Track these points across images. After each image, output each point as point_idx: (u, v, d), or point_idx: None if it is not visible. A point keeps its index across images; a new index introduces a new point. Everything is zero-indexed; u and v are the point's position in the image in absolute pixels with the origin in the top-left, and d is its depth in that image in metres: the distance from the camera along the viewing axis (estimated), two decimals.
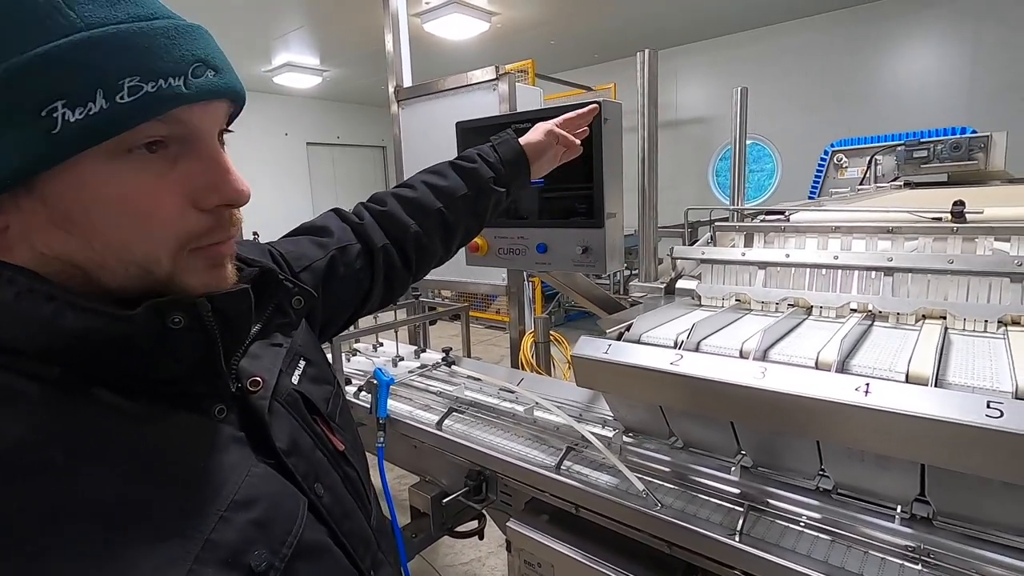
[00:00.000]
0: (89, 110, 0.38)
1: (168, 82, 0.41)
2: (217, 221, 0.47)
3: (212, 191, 0.46)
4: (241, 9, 5.38)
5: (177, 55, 0.42)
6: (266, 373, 0.55)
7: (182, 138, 0.44)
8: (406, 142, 2.18)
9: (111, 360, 0.43)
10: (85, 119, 0.38)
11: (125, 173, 0.42)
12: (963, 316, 0.95)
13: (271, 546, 0.45)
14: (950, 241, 1.04)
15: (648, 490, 0.96)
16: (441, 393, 1.51)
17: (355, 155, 11.02)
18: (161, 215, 0.43)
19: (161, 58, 0.41)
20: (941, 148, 2.60)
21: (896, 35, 6.04)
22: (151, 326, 0.43)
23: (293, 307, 0.60)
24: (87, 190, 0.41)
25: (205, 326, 0.45)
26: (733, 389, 0.79)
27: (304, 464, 0.54)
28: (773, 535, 0.86)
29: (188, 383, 0.47)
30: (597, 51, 7.57)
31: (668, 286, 1.30)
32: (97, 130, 0.39)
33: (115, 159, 0.41)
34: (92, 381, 0.42)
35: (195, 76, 0.43)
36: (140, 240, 0.43)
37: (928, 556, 0.77)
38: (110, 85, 0.39)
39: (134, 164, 0.42)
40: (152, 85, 0.40)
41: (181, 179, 0.44)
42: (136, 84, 0.39)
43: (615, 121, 1.15)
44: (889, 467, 0.79)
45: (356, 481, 0.64)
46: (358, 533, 0.59)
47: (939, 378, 0.73)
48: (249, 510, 0.45)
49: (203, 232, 0.46)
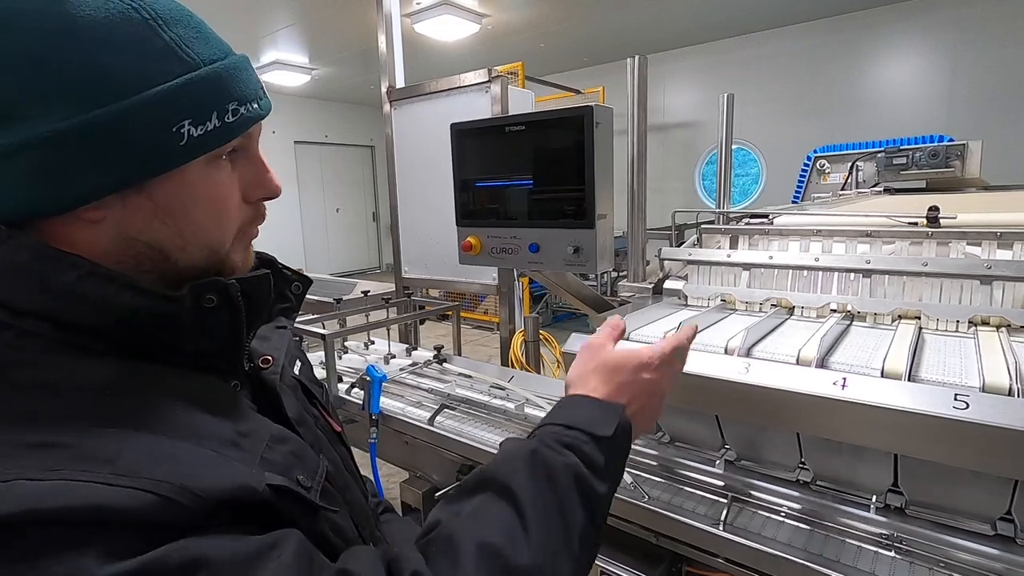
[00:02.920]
0: (207, 127, 0.49)
1: (251, 106, 0.52)
2: (258, 211, 0.58)
3: (258, 187, 0.57)
4: (231, 6, 5.35)
5: (252, 84, 0.53)
6: (275, 352, 0.64)
7: (243, 146, 0.55)
8: (398, 142, 2.20)
9: (153, 335, 0.50)
10: (204, 134, 0.49)
11: (216, 176, 0.52)
12: (936, 316, 0.99)
13: (307, 472, 0.53)
14: (925, 245, 1.09)
15: (636, 483, 1.00)
16: (433, 390, 1.54)
17: (343, 154, 10.97)
18: (231, 208, 0.54)
19: (247, 86, 0.52)
20: (920, 156, 2.68)
21: (879, 45, 6.18)
22: (192, 305, 0.50)
23: (293, 292, 0.65)
24: (188, 189, 0.50)
25: (233, 303, 0.53)
26: (718, 384, 0.83)
27: (310, 435, 0.61)
28: (756, 525, 0.89)
29: (213, 358, 0.54)
30: (586, 55, 7.63)
31: (656, 286, 1.33)
32: (209, 143, 0.49)
33: (210, 165, 0.51)
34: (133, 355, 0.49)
35: (260, 99, 0.54)
36: (216, 228, 0.54)
37: (901, 543, 0.81)
38: (222, 108, 0.50)
39: (221, 169, 0.53)
40: (245, 108, 0.52)
41: (239, 178, 0.55)
42: (236, 108, 0.51)
43: (606, 125, 1.18)
44: (865, 459, 0.83)
45: (351, 462, 0.71)
46: (359, 505, 0.65)
47: (912, 374, 0.77)
48: (285, 444, 0.53)
49: (250, 220, 0.58)
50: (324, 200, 10.75)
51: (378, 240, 11.92)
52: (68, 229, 0.48)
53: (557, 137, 1.18)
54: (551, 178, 1.19)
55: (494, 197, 1.30)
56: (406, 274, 2.30)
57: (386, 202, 2.40)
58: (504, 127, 1.22)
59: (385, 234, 11.59)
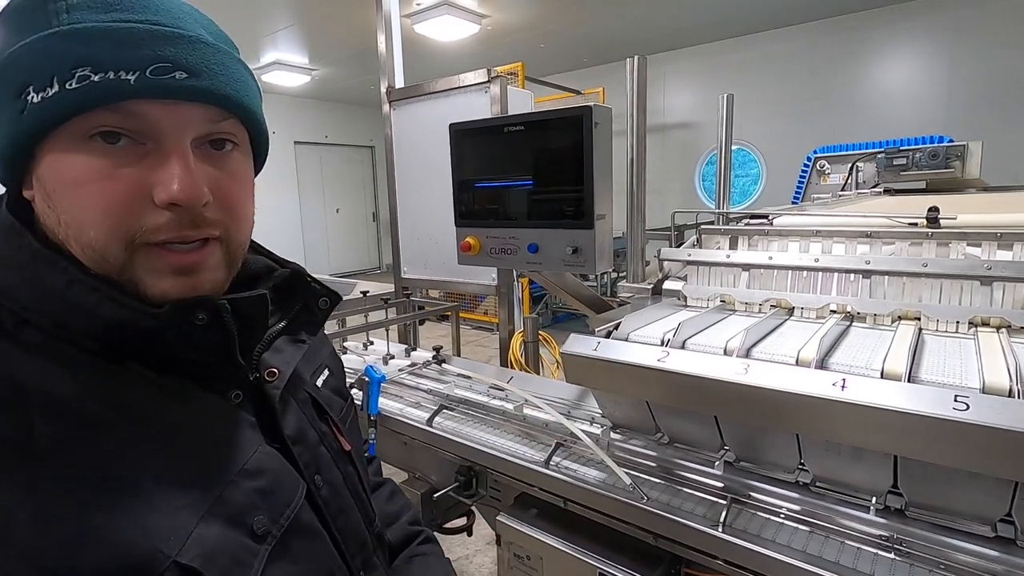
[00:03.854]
0: (47, 94, 0.43)
1: (118, 75, 0.43)
2: (175, 221, 0.47)
3: (161, 187, 0.46)
4: (230, 6, 5.35)
5: (139, 54, 0.44)
6: (283, 366, 0.60)
7: (145, 134, 0.46)
8: (398, 142, 2.20)
9: (141, 345, 0.49)
10: (43, 102, 0.43)
11: (81, 158, 0.45)
12: (936, 317, 0.99)
13: (271, 515, 0.50)
14: (925, 246, 1.09)
15: (635, 484, 0.99)
16: (431, 391, 1.53)
17: (343, 155, 10.97)
18: (109, 202, 0.45)
19: (119, 54, 0.44)
20: (920, 156, 2.67)
21: (878, 46, 6.18)
22: (177, 322, 0.48)
23: (319, 307, 0.63)
24: (55, 171, 0.46)
25: (224, 324, 0.50)
26: (718, 384, 0.82)
27: (308, 455, 0.58)
28: (755, 527, 0.89)
29: (207, 368, 0.53)
30: (586, 55, 7.63)
31: (655, 287, 1.33)
32: (53, 112, 0.43)
33: (77, 144, 0.45)
34: (127, 356, 0.48)
35: (154, 74, 0.45)
36: (92, 223, 0.46)
37: (900, 545, 0.81)
38: (64, 73, 0.43)
39: (92, 151, 0.45)
40: (99, 76, 0.43)
41: (141, 173, 0.46)
42: (85, 74, 0.43)
43: (605, 125, 1.18)
44: (864, 460, 0.83)
45: (357, 483, 0.67)
46: (352, 530, 0.62)
47: (912, 375, 0.77)
48: (255, 479, 0.50)
49: (155, 228, 0.47)
50: (324, 200, 10.75)
51: (378, 240, 11.91)
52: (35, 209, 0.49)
53: (556, 137, 1.18)
54: (550, 178, 1.19)
55: (493, 197, 1.30)
56: (405, 274, 2.29)
57: (385, 202, 2.40)
58: (503, 127, 1.22)
59: (385, 234, 11.59)
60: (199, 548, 0.44)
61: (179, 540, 0.43)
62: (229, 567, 0.45)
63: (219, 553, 0.45)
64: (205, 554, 0.44)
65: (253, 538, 0.48)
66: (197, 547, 0.44)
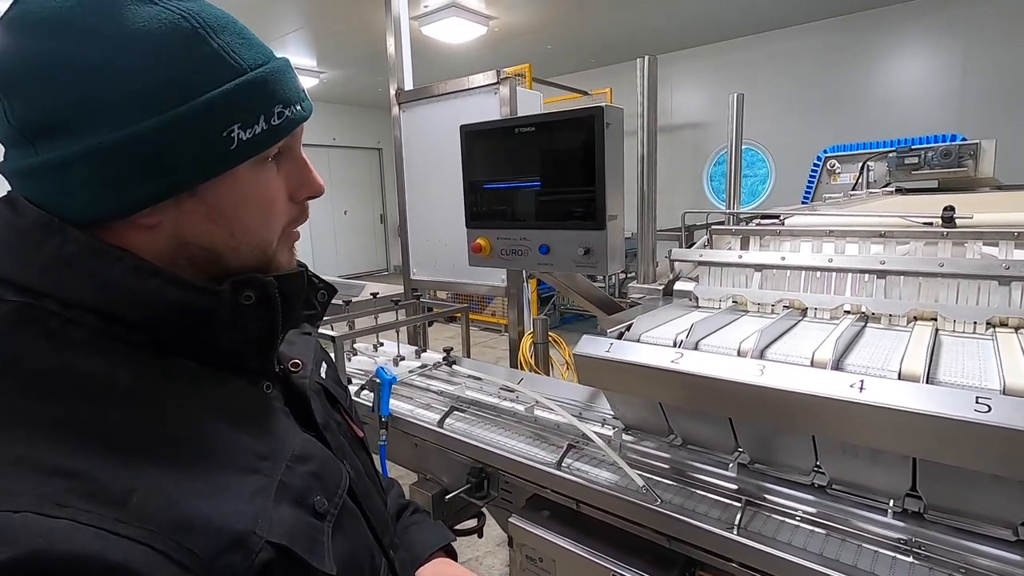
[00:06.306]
0: (255, 131, 0.51)
1: (295, 108, 0.54)
2: (303, 210, 0.60)
3: (303, 186, 0.58)
4: (239, 10, 5.39)
5: (295, 87, 0.55)
6: (303, 357, 0.66)
7: (287, 147, 0.56)
8: (406, 144, 2.20)
9: (192, 329, 0.51)
10: (252, 137, 0.51)
11: (263, 177, 0.54)
12: (953, 318, 0.98)
13: (326, 494, 0.54)
14: (940, 245, 1.08)
15: (648, 486, 0.99)
16: (442, 392, 1.53)
17: (351, 157, 11.02)
18: (277, 208, 0.56)
19: (290, 89, 0.54)
20: (932, 155, 2.65)
21: (889, 44, 6.13)
22: (231, 301, 0.52)
23: (319, 300, 0.66)
24: (238, 191, 0.52)
25: (271, 301, 0.54)
26: (732, 386, 0.82)
27: (335, 441, 0.62)
28: (770, 529, 0.88)
29: (245, 358, 0.56)
30: (594, 56, 7.63)
31: (666, 288, 1.32)
32: (258, 145, 0.51)
33: (258, 167, 0.53)
34: (171, 349, 0.51)
35: (302, 100, 0.56)
36: (264, 227, 0.56)
37: (919, 548, 0.80)
38: (269, 112, 0.52)
39: (268, 170, 0.55)
40: (289, 111, 0.53)
41: (285, 179, 0.57)
42: (281, 110, 0.53)
43: (616, 126, 1.18)
44: (882, 462, 0.82)
45: (372, 468, 0.71)
46: (379, 512, 0.66)
47: (930, 376, 0.76)
48: (306, 464, 0.54)
49: (295, 219, 0.59)
50: (332, 202, 10.81)
51: (385, 242, 11.96)
52: (125, 233, 0.49)
53: (567, 138, 1.18)
54: (562, 179, 1.18)
55: (504, 198, 1.30)
56: (415, 276, 2.30)
57: (394, 204, 2.40)
58: (514, 128, 1.22)
59: (392, 236, 11.63)
60: (282, 527, 0.47)
61: (266, 521, 0.46)
62: (308, 544, 0.50)
63: (298, 531, 0.49)
64: (288, 533, 0.48)
65: (316, 517, 0.52)
66: (280, 527, 0.47)
